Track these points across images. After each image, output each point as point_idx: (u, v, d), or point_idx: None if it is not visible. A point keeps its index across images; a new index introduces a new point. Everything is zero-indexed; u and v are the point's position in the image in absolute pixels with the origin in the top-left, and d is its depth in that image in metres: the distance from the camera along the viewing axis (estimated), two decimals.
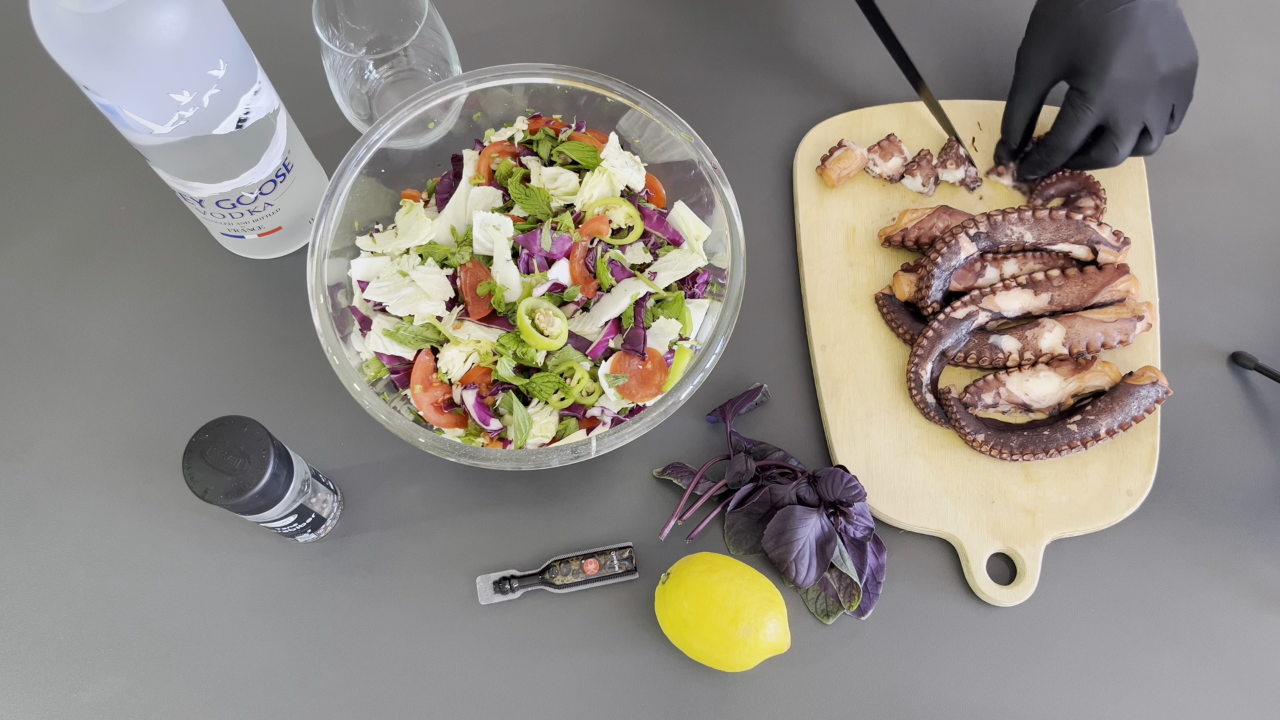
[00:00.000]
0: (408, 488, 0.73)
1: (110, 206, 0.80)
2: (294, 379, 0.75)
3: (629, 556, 0.71)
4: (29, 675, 0.69)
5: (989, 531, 0.72)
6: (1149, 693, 0.70)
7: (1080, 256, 0.75)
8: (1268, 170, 0.84)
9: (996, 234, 0.74)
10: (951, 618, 0.71)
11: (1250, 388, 0.77)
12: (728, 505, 0.72)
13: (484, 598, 0.70)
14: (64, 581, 0.71)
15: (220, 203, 0.69)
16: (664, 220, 0.71)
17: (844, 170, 0.79)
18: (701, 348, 0.67)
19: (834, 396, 0.75)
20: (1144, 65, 0.71)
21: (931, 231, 0.76)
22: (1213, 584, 0.72)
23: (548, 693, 0.69)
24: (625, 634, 0.70)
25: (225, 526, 0.72)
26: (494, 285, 0.67)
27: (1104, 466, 0.73)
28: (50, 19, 0.53)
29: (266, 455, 0.58)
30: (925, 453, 0.74)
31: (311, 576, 0.71)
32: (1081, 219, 0.74)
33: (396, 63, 0.73)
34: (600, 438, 0.62)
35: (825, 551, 0.69)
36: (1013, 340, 0.73)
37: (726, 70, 0.86)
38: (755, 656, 0.65)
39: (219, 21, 0.59)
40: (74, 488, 0.73)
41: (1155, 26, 0.70)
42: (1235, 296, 0.80)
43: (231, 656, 0.69)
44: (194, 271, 0.79)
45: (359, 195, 0.68)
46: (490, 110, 0.73)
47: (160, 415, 0.75)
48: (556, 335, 0.66)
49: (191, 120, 0.60)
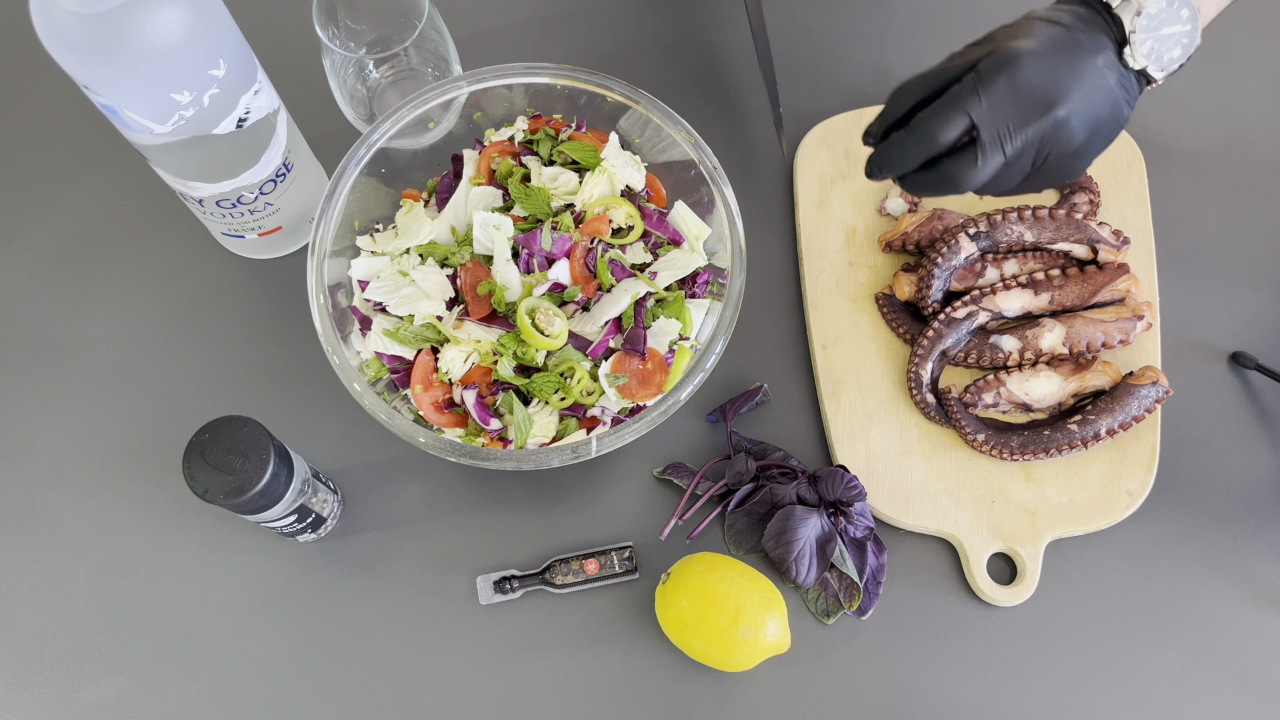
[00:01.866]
0: (408, 488, 0.73)
1: (110, 206, 0.80)
2: (294, 379, 0.75)
3: (629, 556, 0.71)
4: (29, 675, 0.69)
5: (989, 531, 0.72)
6: (1149, 693, 0.70)
7: (1080, 256, 0.75)
8: (1268, 170, 0.84)
9: (996, 234, 0.74)
10: (951, 617, 0.71)
11: (1250, 388, 0.77)
12: (728, 505, 0.72)
13: (484, 598, 0.70)
14: (64, 581, 0.71)
15: (220, 203, 0.69)
16: (664, 220, 0.71)
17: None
18: (702, 347, 0.67)
19: (834, 396, 0.75)
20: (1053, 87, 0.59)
21: (932, 234, 0.76)
22: (1213, 584, 0.72)
23: (548, 693, 0.69)
24: (625, 634, 0.70)
25: (225, 526, 0.72)
26: (494, 285, 0.67)
27: (1104, 466, 0.73)
28: (50, 19, 0.53)
29: (266, 455, 0.58)
30: (925, 452, 0.74)
31: (311, 576, 0.71)
32: (1081, 218, 0.74)
33: (396, 62, 0.73)
34: (600, 438, 0.62)
35: (825, 551, 0.69)
36: (1013, 340, 0.73)
37: (726, 70, 0.86)
38: (755, 656, 0.65)
39: (219, 21, 0.59)
40: (74, 488, 0.73)
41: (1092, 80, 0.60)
42: (1235, 296, 0.80)
43: (231, 656, 0.69)
44: (194, 271, 0.78)
45: (359, 195, 0.68)
46: (490, 110, 0.73)
47: (160, 415, 0.74)
48: (556, 335, 0.66)
49: (191, 120, 0.60)
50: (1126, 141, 0.82)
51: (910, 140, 0.61)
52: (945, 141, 0.60)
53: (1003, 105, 0.59)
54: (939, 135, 0.60)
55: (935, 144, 0.60)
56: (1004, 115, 0.59)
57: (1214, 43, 0.87)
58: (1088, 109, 0.60)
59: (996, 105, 0.59)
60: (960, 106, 0.59)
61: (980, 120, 0.59)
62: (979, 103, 0.59)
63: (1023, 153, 0.60)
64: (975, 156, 0.60)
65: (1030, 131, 0.59)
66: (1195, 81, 0.86)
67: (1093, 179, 0.79)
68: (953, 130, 0.59)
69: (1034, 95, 0.59)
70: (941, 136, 0.60)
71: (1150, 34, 0.60)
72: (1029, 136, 0.59)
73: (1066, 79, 0.59)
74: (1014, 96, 0.59)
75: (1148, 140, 0.83)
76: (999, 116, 0.59)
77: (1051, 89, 0.59)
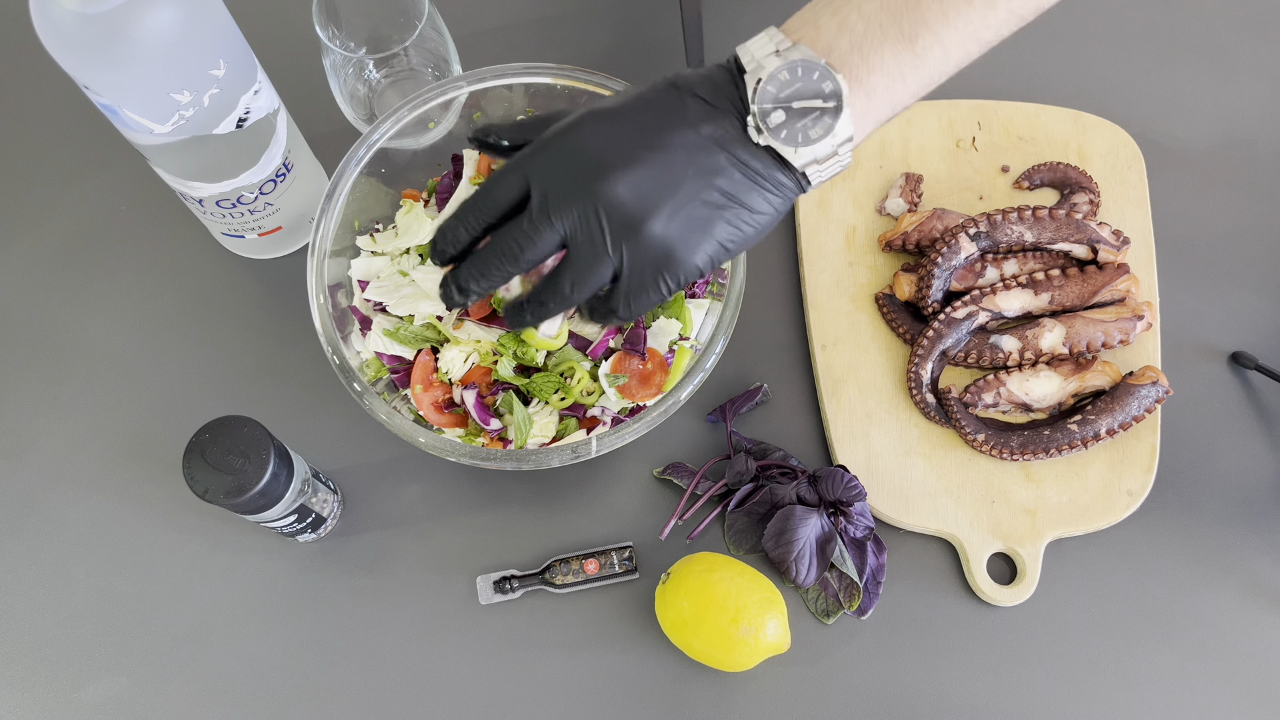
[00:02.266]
0: (408, 488, 0.73)
1: (110, 206, 0.80)
2: (294, 379, 0.75)
3: (629, 556, 0.71)
4: (29, 675, 0.69)
5: (989, 531, 0.72)
6: (1149, 693, 0.70)
7: (1080, 256, 0.75)
8: (1268, 170, 0.84)
9: (996, 233, 0.74)
10: (951, 617, 0.71)
11: (1250, 388, 0.77)
12: (728, 505, 0.72)
13: (484, 598, 0.70)
14: (64, 581, 0.71)
15: (220, 203, 0.69)
16: None
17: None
18: (702, 347, 0.67)
19: (834, 396, 0.75)
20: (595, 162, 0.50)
21: (931, 234, 0.76)
22: (1213, 584, 0.72)
23: (548, 693, 0.69)
24: (625, 634, 0.70)
25: (225, 526, 0.72)
26: None
27: (1104, 466, 0.73)
28: (50, 19, 0.53)
29: (266, 455, 0.58)
30: (925, 452, 0.74)
31: (311, 576, 0.71)
32: (1081, 218, 0.74)
33: (396, 63, 0.73)
34: (600, 438, 0.62)
35: (825, 551, 0.69)
36: (1013, 340, 0.73)
37: None
38: (755, 656, 0.65)
39: (219, 21, 0.59)
40: (74, 488, 0.73)
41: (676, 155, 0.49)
42: (1235, 296, 0.80)
43: (231, 656, 0.69)
44: (194, 271, 0.78)
45: (359, 195, 0.68)
46: (490, 110, 0.73)
47: (160, 415, 0.74)
48: (557, 335, 0.66)
49: (191, 120, 0.60)
50: (1126, 141, 0.82)
51: (469, 206, 0.53)
52: (502, 201, 0.52)
53: (553, 165, 0.50)
54: (495, 192, 0.52)
55: (493, 203, 0.52)
56: (553, 176, 0.50)
57: (1214, 43, 0.87)
58: (663, 184, 0.49)
59: (547, 165, 0.50)
60: (518, 166, 0.51)
61: (531, 178, 0.51)
62: (531, 161, 0.51)
63: (582, 230, 0.50)
64: (524, 219, 0.51)
65: (582, 203, 0.49)
66: (1195, 81, 0.86)
67: (1092, 178, 0.79)
68: (509, 188, 0.51)
69: (587, 159, 0.50)
70: (497, 194, 0.52)
71: (776, 104, 0.49)
72: (583, 209, 0.49)
73: (638, 148, 0.49)
74: (565, 158, 0.50)
75: (1148, 140, 0.83)
76: (549, 178, 0.50)
77: (608, 153, 0.49)
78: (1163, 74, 0.86)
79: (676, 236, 0.50)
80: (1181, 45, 0.87)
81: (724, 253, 0.52)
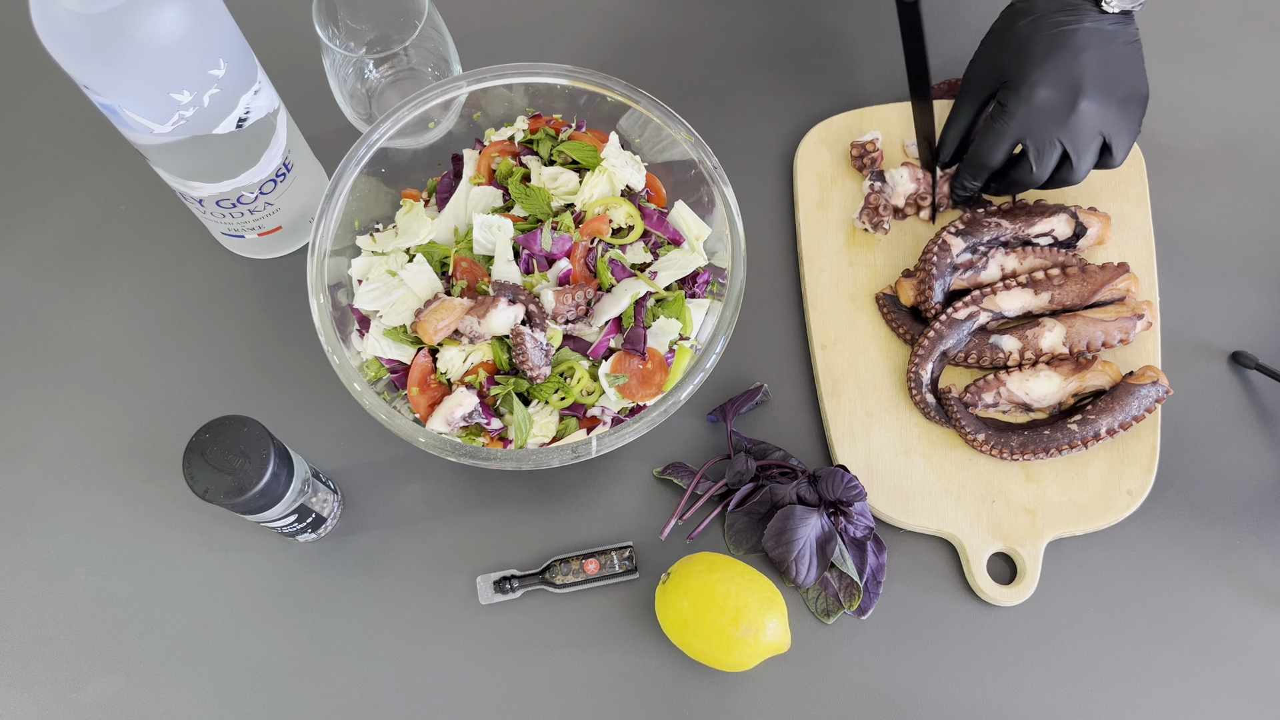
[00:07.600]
0: (408, 488, 0.73)
1: (110, 206, 0.80)
2: (294, 379, 0.75)
3: (629, 556, 0.71)
4: (29, 675, 0.69)
5: (989, 531, 0.72)
6: (1149, 693, 0.70)
7: (1063, 235, 0.76)
8: (1268, 170, 0.84)
9: (978, 229, 0.75)
10: (951, 617, 0.71)
11: (1250, 387, 0.77)
12: (728, 505, 0.72)
13: (484, 597, 0.70)
14: (64, 581, 0.71)
15: (220, 202, 0.69)
16: (664, 220, 0.71)
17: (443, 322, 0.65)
18: (702, 347, 0.67)
19: (834, 396, 0.75)
20: (1068, 87, 0.67)
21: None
22: (1213, 584, 0.72)
23: (548, 693, 0.69)
24: (625, 634, 0.70)
25: (225, 526, 0.72)
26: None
27: (1104, 466, 0.73)
28: (50, 19, 0.53)
29: (266, 455, 0.58)
30: (925, 452, 0.74)
31: (311, 576, 0.71)
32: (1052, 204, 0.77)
33: (396, 62, 0.73)
34: (600, 437, 0.62)
35: (825, 551, 0.69)
36: (1013, 340, 0.73)
37: (726, 70, 0.86)
38: (755, 656, 0.65)
39: (219, 21, 0.59)
40: (74, 488, 0.73)
41: (1093, 52, 0.67)
42: (1235, 296, 0.80)
43: (231, 656, 0.69)
44: (194, 271, 0.78)
45: (359, 195, 0.68)
46: (490, 110, 0.73)
47: (160, 415, 0.75)
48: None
49: (191, 120, 0.60)
50: None
51: (973, 172, 0.73)
52: (995, 161, 0.72)
53: (1036, 119, 0.68)
54: (989, 161, 0.71)
55: (988, 165, 0.72)
56: (1041, 126, 0.68)
57: (1214, 42, 0.87)
58: (1109, 72, 0.67)
59: (1031, 120, 0.68)
60: (993, 133, 0.70)
61: (1019, 136, 0.69)
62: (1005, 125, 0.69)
63: (1079, 133, 0.68)
64: (1028, 164, 0.70)
65: (1070, 124, 0.68)
66: (1195, 81, 0.86)
67: None
68: (997, 154, 0.71)
69: (1057, 99, 0.67)
70: (992, 160, 0.71)
71: None
72: (1073, 128, 0.68)
73: (1073, 66, 0.67)
74: (1042, 110, 0.68)
75: (1148, 140, 0.83)
76: (1037, 129, 0.69)
77: (1071, 84, 0.67)
78: (1162, 73, 0.85)
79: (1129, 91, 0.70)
80: (1181, 45, 0.87)
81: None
